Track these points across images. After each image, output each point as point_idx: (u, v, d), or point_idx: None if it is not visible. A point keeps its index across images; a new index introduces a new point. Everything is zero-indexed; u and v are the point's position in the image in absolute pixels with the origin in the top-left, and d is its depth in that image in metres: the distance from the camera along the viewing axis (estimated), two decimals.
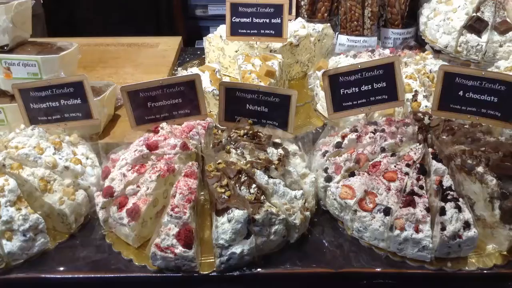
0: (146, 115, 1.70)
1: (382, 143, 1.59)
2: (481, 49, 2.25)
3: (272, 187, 1.46)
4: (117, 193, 1.47)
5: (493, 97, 1.57)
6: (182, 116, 1.73)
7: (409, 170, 1.49)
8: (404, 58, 2.10)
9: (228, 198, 1.38)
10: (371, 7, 2.43)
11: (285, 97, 1.69)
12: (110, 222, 1.48)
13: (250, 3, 2.14)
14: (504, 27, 2.25)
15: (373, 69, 1.69)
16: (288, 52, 2.35)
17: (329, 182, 1.57)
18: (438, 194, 1.42)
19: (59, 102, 1.70)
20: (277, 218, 1.40)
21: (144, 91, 1.67)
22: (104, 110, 1.88)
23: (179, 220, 1.35)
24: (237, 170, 1.45)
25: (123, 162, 1.54)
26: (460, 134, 1.57)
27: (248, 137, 1.61)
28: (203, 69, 2.13)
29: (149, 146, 1.54)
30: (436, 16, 2.42)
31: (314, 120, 2.13)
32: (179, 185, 1.41)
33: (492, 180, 1.41)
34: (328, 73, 1.71)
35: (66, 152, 1.61)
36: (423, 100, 1.89)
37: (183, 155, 1.56)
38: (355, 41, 2.51)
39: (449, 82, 1.60)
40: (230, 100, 1.72)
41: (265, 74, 2.03)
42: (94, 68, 2.46)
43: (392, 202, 1.43)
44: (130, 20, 3.34)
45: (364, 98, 1.72)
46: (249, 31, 2.17)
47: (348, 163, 1.58)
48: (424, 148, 1.55)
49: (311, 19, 2.61)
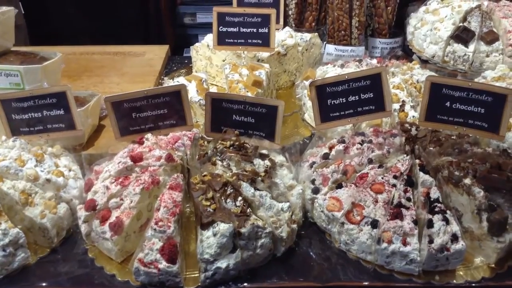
0: (130, 126, 1.67)
1: (369, 154, 1.57)
2: (468, 59, 2.26)
3: (258, 199, 1.43)
4: (99, 206, 1.43)
5: (480, 108, 1.57)
6: (168, 126, 1.71)
7: (397, 182, 1.47)
8: (391, 68, 2.10)
9: (214, 211, 1.36)
10: (359, 16, 2.43)
11: (272, 107, 1.67)
12: (93, 236, 1.45)
13: (237, 13, 2.13)
14: (490, 37, 2.26)
15: (360, 79, 1.68)
16: (275, 61, 2.34)
17: (316, 194, 1.55)
18: (425, 206, 1.41)
19: (42, 112, 1.66)
20: (263, 232, 1.38)
21: (129, 101, 1.64)
22: (88, 120, 1.85)
23: (163, 234, 1.32)
24: (222, 182, 1.42)
25: (107, 174, 1.51)
26: (447, 145, 1.56)
27: (234, 148, 1.59)
28: (189, 79, 2.11)
29: (133, 158, 1.52)
30: (423, 26, 2.42)
31: (302, 130, 2.11)
32: (163, 198, 1.39)
33: (480, 192, 1.40)
34: (315, 84, 1.70)
35: (48, 164, 1.57)
36: (410, 111, 1.88)
37: (168, 167, 1.53)
38: (343, 51, 2.50)
39: (436, 93, 1.60)
40: (217, 110, 1.70)
41: (252, 84, 2.01)
42: (79, 77, 2.43)
43: (380, 215, 1.41)
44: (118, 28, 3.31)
45: (351, 109, 1.71)
46: (236, 41, 2.16)
47: (336, 174, 1.56)
48: (411, 159, 1.54)
49: (299, 28, 2.61)
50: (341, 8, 2.42)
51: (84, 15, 3.34)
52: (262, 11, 2.12)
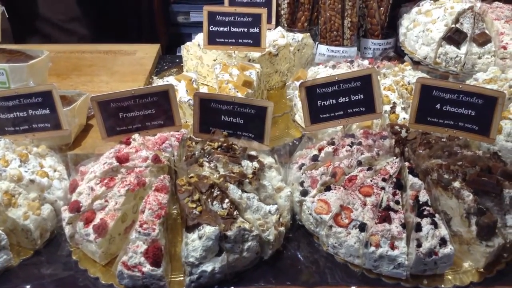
0: (117, 126, 1.65)
1: (358, 156, 1.56)
2: (460, 61, 2.25)
3: (245, 201, 1.41)
4: (84, 208, 1.41)
5: (470, 111, 1.55)
6: (156, 127, 1.69)
7: (385, 185, 1.46)
8: (383, 69, 2.08)
9: (200, 214, 1.34)
10: (351, 17, 2.41)
11: (261, 108, 1.66)
12: (77, 238, 1.43)
13: (227, 12, 2.11)
14: (482, 38, 2.25)
15: (351, 80, 1.67)
16: (267, 61, 2.32)
17: (305, 196, 1.53)
18: (414, 209, 1.39)
19: (27, 112, 1.64)
20: (250, 234, 1.36)
21: (116, 101, 1.62)
22: (75, 120, 1.82)
23: (148, 237, 1.30)
24: (209, 184, 1.40)
25: (92, 175, 1.48)
26: (437, 148, 1.55)
27: (222, 149, 1.57)
28: (179, 78, 2.08)
29: (119, 159, 1.49)
30: (416, 27, 2.41)
31: (292, 131, 2.09)
32: (148, 200, 1.36)
33: (469, 195, 1.39)
34: (305, 85, 1.68)
35: (32, 164, 1.55)
36: (401, 112, 1.87)
37: (154, 168, 1.51)
38: (335, 51, 2.48)
39: (426, 95, 1.58)
40: (205, 111, 1.68)
41: (242, 84, 1.99)
42: (69, 76, 2.40)
43: (368, 218, 1.40)
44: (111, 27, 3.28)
45: (341, 110, 1.69)
46: (226, 40, 2.13)
47: (324, 176, 1.54)
48: (400, 162, 1.52)
49: (291, 28, 2.59)
50: (334, 8, 2.40)
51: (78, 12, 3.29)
52: (253, 10, 2.10)
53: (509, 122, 1.71)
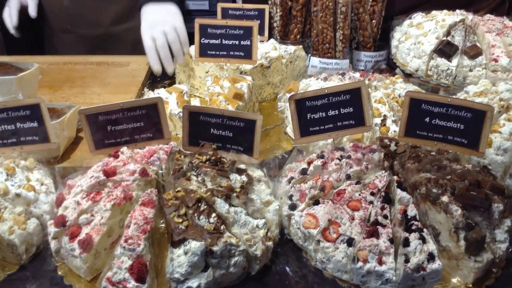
0: (106, 139, 1.64)
1: (347, 170, 1.55)
2: (451, 73, 2.25)
3: (233, 216, 1.40)
4: (69, 222, 1.40)
5: (459, 124, 1.55)
6: (145, 140, 1.68)
7: (374, 199, 1.45)
8: (374, 82, 2.08)
9: (186, 229, 1.32)
10: (343, 30, 2.42)
11: (250, 121, 1.65)
12: (62, 253, 1.41)
13: (219, 25, 2.11)
14: (473, 51, 2.25)
15: (340, 94, 1.66)
16: (259, 73, 2.32)
17: (293, 210, 1.52)
18: (402, 224, 1.38)
19: (15, 125, 1.62)
20: (236, 249, 1.35)
21: (104, 114, 1.61)
22: (63, 133, 1.81)
23: (133, 252, 1.29)
24: (196, 198, 1.39)
25: (79, 189, 1.47)
26: (426, 162, 1.54)
27: (210, 163, 1.56)
28: (170, 91, 2.08)
29: (106, 172, 1.48)
30: (407, 39, 2.42)
31: (284, 144, 2.09)
32: (134, 215, 1.35)
33: (457, 210, 1.38)
34: (295, 98, 1.67)
35: (19, 178, 1.54)
36: (391, 125, 1.86)
37: (142, 181, 1.50)
38: (327, 63, 2.49)
39: (415, 108, 1.58)
40: (194, 124, 1.67)
41: (233, 97, 1.99)
42: (60, 88, 2.39)
43: (356, 232, 1.39)
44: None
45: (331, 123, 1.69)
46: (218, 53, 2.13)
47: (313, 190, 1.53)
48: (389, 175, 1.51)
49: (283, 40, 2.59)
50: (326, 21, 2.40)
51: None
52: (244, 23, 2.10)
53: (499, 135, 1.70)
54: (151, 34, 2.27)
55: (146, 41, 2.29)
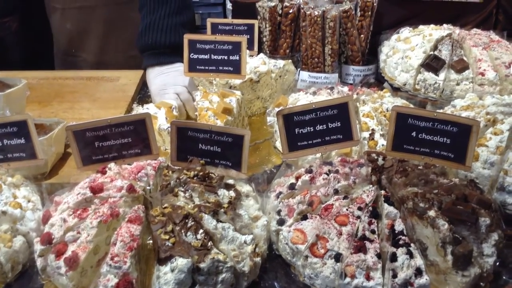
0: (93, 155, 1.64)
1: (335, 184, 1.55)
2: (438, 87, 2.27)
3: (220, 232, 1.40)
4: (56, 240, 1.39)
5: (446, 139, 1.56)
6: (133, 156, 1.68)
7: (361, 214, 1.45)
8: (362, 96, 2.10)
9: (172, 246, 1.32)
10: (331, 44, 2.44)
11: (239, 137, 1.65)
12: (48, 270, 1.40)
13: (208, 40, 2.12)
14: (460, 65, 2.28)
15: (328, 108, 1.68)
16: (248, 88, 2.33)
17: (282, 226, 1.52)
18: (389, 239, 1.39)
19: (2, 142, 1.62)
20: (224, 266, 1.34)
21: (91, 130, 1.61)
22: (51, 149, 1.81)
23: (119, 270, 1.28)
24: (183, 215, 1.39)
25: (65, 205, 1.46)
26: (413, 176, 1.55)
27: (198, 178, 1.56)
28: (159, 106, 2.08)
29: (93, 189, 1.48)
30: (395, 54, 2.44)
31: (273, 158, 2.09)
32: (120, 232, 1.34)
33: (444, 224, 1.38)
34: (282, 113, 1.68)
35: (5, 195, 1.52)
36: (380, 139, 1.87)
37: (129, 198, 1.49)
38: (317, 78, 2.51)
39: (402, 123, 1.59)
40: (182, 139, 1.68)
41: (222, 111, 1.99)
42: (50, 103, 2.39)
43: (343, 248, 1.39)
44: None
45: (319, 138, 1.69)
46: (207, 68, 2.14)
47: (301, 205, 1.53)
48: (376, 190, 1.52)
49: (273, 55, 2.61)
50: (314, 36, 2.43)
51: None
52: (233, 39, 2.12)
53: (486, 149, 1.72)
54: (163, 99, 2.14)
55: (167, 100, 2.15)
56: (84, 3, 2.64)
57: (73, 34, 2.73)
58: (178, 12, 2.35)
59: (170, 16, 2.32)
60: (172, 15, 2.33)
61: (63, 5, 2.70)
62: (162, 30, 2.30)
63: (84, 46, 2.43)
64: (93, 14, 2.53)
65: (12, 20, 3.20)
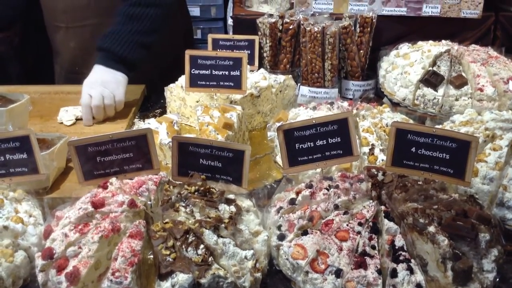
0: (95, 170, 1.65)
1: (335, 200, 1.56)
2: (437, 103, 2.29)
3: (221, 247, 1.40)
4: (57, 255, 1.39)
5: (445, 154, 1.57)
6: (134, 170, 1.69)
7: (361, 229, 1.46)
8: (362, 111, 2.11)
9: (173, 261, 1.32)
10: (331, 60, 2.47)
11: (239, 152, 1.67)
12: (49, 286, 1.39)
13: (209, 56, 2.15)
14: (459, 81, 2.30)
15: (327, 124, 1.69)
16: (249, 103, 2.35)
17: (282, 241, 1.52)
18: (390, 254, 1.39)
19: (4, 156, 1.63)
20: (224, 282, 1.34)
21: (93, 145, 1.62)
22: (53, 163, 1.82)
23: (120, 285, 1.28)
24: (184, 230, 1.40)
25: (67, 220, 1.47)
26: (413, 191, 1.56)
27: (199, 193, 1.57)
28: (160, 121, 2.10)
29: (94, 204, 1.48)
30: (394, 69, 2.46)
31: (274, 173, 2.10)
32: (121, 247, 1.35)
33: (444, 240, 1.39)
34: (283, 128, 1.70)
35: (7, 210, 1.53)
36: (379, 154, 1.88)
37: (130, 213, 1.50)
38: (317, 92, 2.53)
39: (402, 138, 1.61)
40: (183, 154, 1.69)
41: (223, 126, 2.01)
42: (52, 118, 2.40)
43: (344, 263, 1.39)
44: None
45: (319, 153, 1.71)
46: (208, 83, 2.17)
47: (302, 220, 1.54)
48: (376, 205, 1.53)
49: (273, 70, 2.64)
50: (314, 51, 2.45)
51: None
52: (234, 54, 2.14)
53: (485, 164, 1.73)
54: (90, 91, 2.32)
55: (83, 96, 2.33)
56: (88, 21, 2.68)
57: (76, 52, 2.77)
58: (144, 33, 2.46)
59: (135, 34, 2.44)
60: (137, 33, 2.44)
61: (67, 24, 2.73)
62: (121, 41, 2.41)
63: (88, 63, 2.46)
64: (97, 32, 2.57)
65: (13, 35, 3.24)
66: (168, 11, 2.56)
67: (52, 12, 2.75)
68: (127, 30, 2.42)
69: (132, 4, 2.45)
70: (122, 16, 2.46)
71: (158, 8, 2.48)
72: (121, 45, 2.40)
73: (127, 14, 2.44)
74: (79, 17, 2.69)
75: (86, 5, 2.64)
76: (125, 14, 2.45)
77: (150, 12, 2.45)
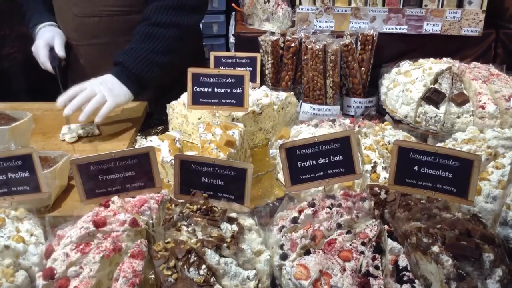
0: (97, 188, 1.64)
1: (338, 219, 1.55)
2: (439, 120, 2.29)
3: (223, 267, 1.39)
4: (58, 275, 1.38)
5: (447, 173, 1.57)
6: (136, 189, 1.68)
7: (365, 249, 1.45)
8: (364, 129, 2.12)
9: (175, 282, 1.31)
10: (333, 77, 2.48)
11: (241, 170, 1.66)
12: None
13: (211, 74, 2.16)
14: (460, 99, 2.30)
15: (330, 142, 1.69)
16: (251, 120, 2.36)
17: (285, 260, 1.51)
18: (393, 275, 1.38)
19: (6, 175, 1.63)
20: None
21: (95, 164, 1.62)
22: (55, 182, 1.82)
23: None
24: (186, 250, 1.39)
25: (68, 240, 1.46)
26: (416, 210, 1.55)
27: (201, 212, 1.56)
28: (162, 138, 2.10)
29: (96, 223, 1.48)
30: (396, 87, 2.47)
31: (276, 190, 2.10)
32: (123, 268, 1.34)
33: (448, 260, 1.37)
34: (285, 146, 1.70)
35: (9, 229, 1.53)
36: (382, 172, 1.88)
37: (132, 232, 1.49)
38: (318, 109, 2.53)
39: (404, 157, 1.60)
40: (186, 173, 1.69)
41: (225, 144, 2.01)
42: (54, 135, 2.41)
43: (347, 284, 1.38)
44: None
45: (321, 171, 1.70)
46: (210, 100, 2.17)
47: (304, 239, 1.53)
48: (379, 225, 1.52)
49: (275, 87, 2.65)
50: (316, 69, 2.46)
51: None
52: (236, 72, 2.15)
53: (488, 183, 1.72)
54: (86, 85, 2.35)
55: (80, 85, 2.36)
56: (97, 40, 2.71)
57: (86, 70, 2.79)
58: (161, 53, 2.50)
59: (152, 53, 2.48)
60: (154, 52, 2.48)
61: (77, 42, 2.76)
62: (137, 59, 2.45)
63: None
64: (106, 50, 2.61)
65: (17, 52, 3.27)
66: (187, 32, 2.60)
67: (63, 29, 2.77)
68: (144, 48, 2.46)
69: (152, 24, 2.49)
70: (139, 35, 2.49)
71: (177, 29, 2.52)
72: (136, 62, 2.44)
73: (146, 33, 2.48)
74: (89, 35, 2.73)
75: (96, 24, 2.67)
76: (143, 33, 2.49)
77: (168, 32, 2.50)
